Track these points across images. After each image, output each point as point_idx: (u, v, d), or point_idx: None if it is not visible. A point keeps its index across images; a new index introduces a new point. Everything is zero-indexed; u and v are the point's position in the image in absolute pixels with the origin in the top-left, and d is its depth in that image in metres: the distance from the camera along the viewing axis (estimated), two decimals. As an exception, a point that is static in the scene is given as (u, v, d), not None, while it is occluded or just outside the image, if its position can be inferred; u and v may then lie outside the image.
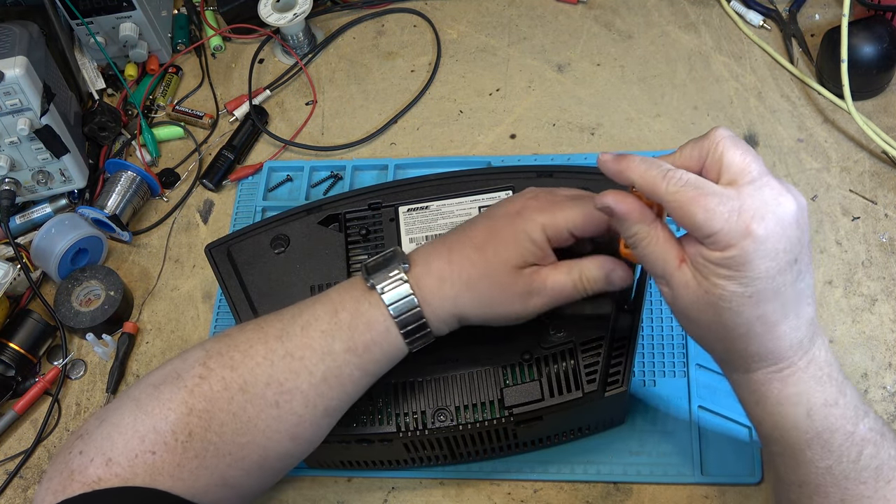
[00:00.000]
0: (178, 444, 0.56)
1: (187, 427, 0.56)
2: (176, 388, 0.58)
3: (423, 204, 0.73)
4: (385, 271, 0.59)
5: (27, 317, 0.81)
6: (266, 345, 0.58)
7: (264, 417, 0.57)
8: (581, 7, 0.97)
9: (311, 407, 0.58)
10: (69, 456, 0.56)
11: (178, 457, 0.56)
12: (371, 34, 0.99)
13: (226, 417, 0.57)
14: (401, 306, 0.58)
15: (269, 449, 0.58)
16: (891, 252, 0.77)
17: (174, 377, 0.58)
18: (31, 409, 0.79)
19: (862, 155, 0.83)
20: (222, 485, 0.58)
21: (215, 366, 0.58)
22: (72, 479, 0.54)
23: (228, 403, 0.57)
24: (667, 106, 0.88)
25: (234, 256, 0.73)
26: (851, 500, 0.52)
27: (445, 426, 0.64)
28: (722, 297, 0.50)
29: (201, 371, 0.58)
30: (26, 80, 0.78)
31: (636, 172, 0.51)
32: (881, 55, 0.82)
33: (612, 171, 0.53)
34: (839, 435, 0.52)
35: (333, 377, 0.58)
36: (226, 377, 0.58)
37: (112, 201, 0.86)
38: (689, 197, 0.49)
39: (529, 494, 0.70)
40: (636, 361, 0.72)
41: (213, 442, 0.57)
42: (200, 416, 0.57)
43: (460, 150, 0.89)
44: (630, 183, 0.52)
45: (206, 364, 0.58)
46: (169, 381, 0.58)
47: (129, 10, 0.91)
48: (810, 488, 0.53)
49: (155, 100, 0.96)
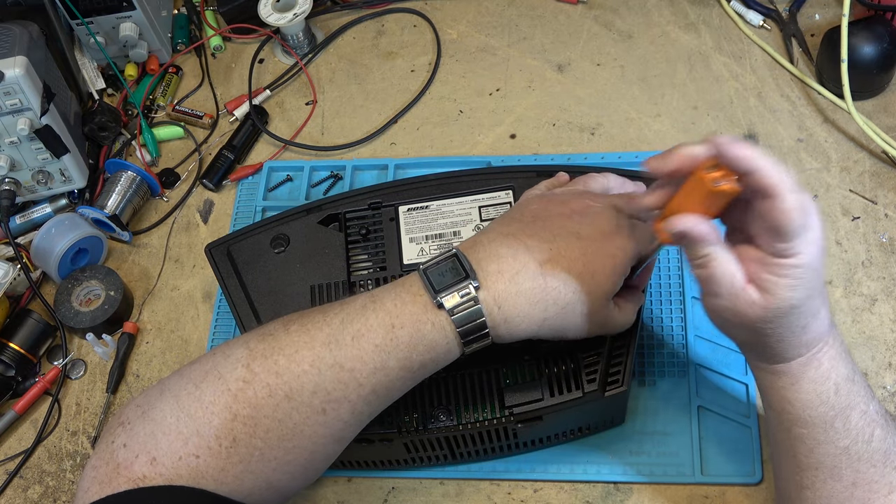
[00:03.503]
0: (223, 448, 0.55)
1: (231, 433, 0.55)
2: (219, 390, 0.56)
3: (423, 204, 0.73)
4: (454, 289, 0.55)
5: (27, 317, 0.81)
6: (313, 351, 0.56)
7: (311, 423, 0.56)
8: (581, 7, 0.97)
9: (357, 414, 0.57)
10: (113, 446, 0.55)
11: (222, 461, 0.55)
12: (371, 34, 0.99)
13: (271, 424, 0.55)
14: (470, 328, 0.55)
15: (315, 453, 0.57)
16: (891, 252, 0.77)
17: (216, 377, 0.56)
18: (31, 409, 0.79)
19: (862, 155, 0.83)
20: (267, 487, 0.57)
21: (259, 370, 0.56)
22: (118, 473, 0.54)
23: (274, 410, 0.55)
24: (667, 106, 0.88)
25: (234, 256, 0.73)
26: (862, 482, 0.54)
27: (445, 426, 0.64)
28: (792, 307, 0.52)
29: (245, 374, 0.56)
30: (26, 80, 0.78)
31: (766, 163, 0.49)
32: (881, 55, 0.82)
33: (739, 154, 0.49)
34: (856, 413, 0.55)
35: (384, 389, 0.56)
36: (270, 383, 0.55)
37: (112, 201, 0.86)
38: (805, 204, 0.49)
39: (529, 494, 0.70)
40: (636, 361, 0.72)
41: (259, 447, 0.55)
42: (245, 423, 0.55)
43: (460, 150, 0.89)
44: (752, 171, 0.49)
45: (249, 367, 0.56)
46: (210, 381, 0.56)
47: (129, 10, 0.91)
48: (826, 471, 0.55)
49: (155, 100, 0.96)
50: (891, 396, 0.70)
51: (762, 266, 0.51)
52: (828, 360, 0.55)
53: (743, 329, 0.54)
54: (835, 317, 0.74)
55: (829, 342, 0.55)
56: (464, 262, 0.56)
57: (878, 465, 0.54)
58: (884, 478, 0.54)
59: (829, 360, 0.55)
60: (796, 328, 0.53)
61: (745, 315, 0.52)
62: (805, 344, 0.54)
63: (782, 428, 0.57)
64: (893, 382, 0.71)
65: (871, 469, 0.54)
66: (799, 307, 0.52)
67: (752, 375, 0.71)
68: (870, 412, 0.55)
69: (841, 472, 0.55)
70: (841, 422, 0.55)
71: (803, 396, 0.55)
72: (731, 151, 0.50)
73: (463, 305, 0.55)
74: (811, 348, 0.55)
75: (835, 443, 0.55)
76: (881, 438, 0.55)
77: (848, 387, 0.55)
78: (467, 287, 0.55)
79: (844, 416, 0.55)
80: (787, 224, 0.49)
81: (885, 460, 0.55)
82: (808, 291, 0.52)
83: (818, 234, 0.51)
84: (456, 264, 0.56)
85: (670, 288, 0.76)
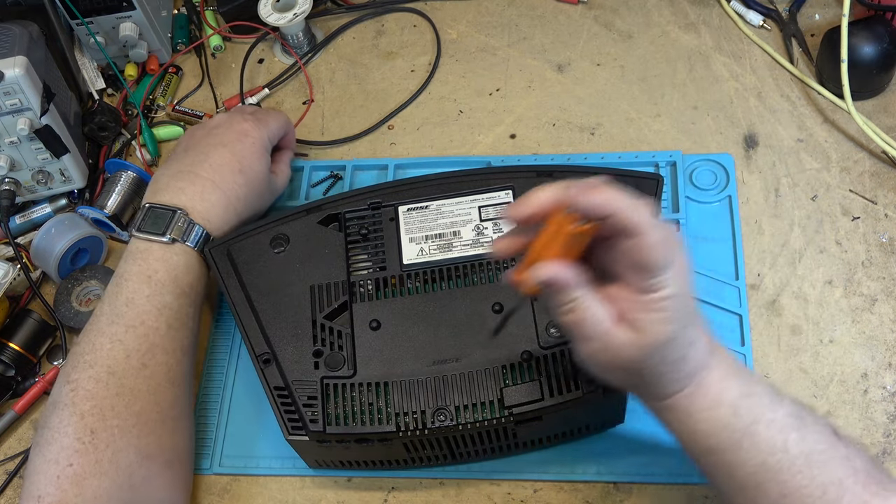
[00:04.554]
0: (87, 444, 0.63)
1: (87, 428, 0.63)
2: (58, 411, 0.64)
3: (423, 203, 0.73)
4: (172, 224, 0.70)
5: (27, 317, 0.81)
6: (105, 334, 0.67)
7: (141, 380, 0.66)
8: (581, 7, 0.97)
9: (172, 351, 0.69)
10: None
11: (92, 455, 0.62)
12: (371, 34, 0.99)
13: (113, 401, 0.64)
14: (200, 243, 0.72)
15: (159, 402, 0.67)
16: (891, 252, 0.77)
17: (52, 408, 0.65)
18: (31, 409, 0.79)
19: (862, 155, 0.83)
20: (143, 457, 0.65)
21: (78, 375, 0.65)
22: None
23: (107, 389, 0.65)
24: (667, 106, 0.88)
25: (234, 256, 0.73)
26: (791, 491, 0.52)
27: (445, 426, 0.64)
28: (667, 341, 0.50)
29: (70, 387, 0.65)
30: (26, 80, 0.78)
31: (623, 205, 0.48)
32: (881, 55, 0.82)
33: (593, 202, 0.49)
34: (763, 425, 0.52)
35: (178, 321, 0.70)
36: (92, 375, 0.65)
37: (112, 201, 0.86)
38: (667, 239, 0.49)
39: (529, 494, 0.70)
40: (636, 361, 0.72)
41: (115, 425, 0.64)
42: (92, 413, 0.64)
43: (460, 150, 0.89)
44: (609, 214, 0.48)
45: (68, 380, 0.66)
46: (50, 414, 0.65)
47: (129, 10, 0.91)
48: (751, 490, 0.53)
49: (155, 100, 0.96)
50: (891, 396, 0.70)
51: (631, 304, 0.50)
52: (715, 384, 0.53)
53: (621, 370, 0.53)
54: (835, 317, 0.74)
55: (713, 366, 0.54)
56: (163, 206, 0.72)
57: (802, 469, 0.52)
58: (813, 481, 0.51)
59: (717, 384, 0.53)
60: (674, 361, 0.52)
61: (619, 356, 0.51)
62: (687, 375, 0.53)
63: (696, 459, 0.56)
64: (893, 382, 0.71)
65: (797, 476, 0.52)
66: (674, 340, 0.51)
67: (751, 375, 0.71)
68: (778, 420, 0.53)
69: (766, 487, 0.52)
70: (748, 440, 0.52)
71: (701, 427, 0.54)
72: (585, 200, 0.49)
73: (186, 230, 0.71)
74: (694, 378, 0.53)
75: (749, 462, 0.52)
76: (798, 441, 0.52)
77: (746, 403, 0.53)
78: (180, 217, 0.71)
79: (750, 433, 0.52)
80: (653, 260, 0.49)
81: (808, 463, 0.52)
82: (681, 323, 0.51)
83: (685, 263, 0.50)
84: (157, 211, 0.71)
85: (670, 288, 0.76)
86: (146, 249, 0.71)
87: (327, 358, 0.67)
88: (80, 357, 0.67)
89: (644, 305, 0.50)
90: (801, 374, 0.72)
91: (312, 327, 0.68)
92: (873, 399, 0.70)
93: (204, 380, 0.78)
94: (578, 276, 0.51)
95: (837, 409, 0.70)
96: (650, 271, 0.49)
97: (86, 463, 0.62)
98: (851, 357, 0.72)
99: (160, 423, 0.67)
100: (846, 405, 0.70)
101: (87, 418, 0.63)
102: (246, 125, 0.77)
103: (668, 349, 0.51)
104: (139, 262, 0.70)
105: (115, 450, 0.63)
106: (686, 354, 0.52)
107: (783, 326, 0.74)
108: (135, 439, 0.64)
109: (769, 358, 0.73)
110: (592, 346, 0.52)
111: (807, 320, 0.74)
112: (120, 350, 0.66)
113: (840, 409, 0.70)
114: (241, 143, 0.76)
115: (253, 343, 0.68)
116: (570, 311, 0.51)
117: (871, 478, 0.52)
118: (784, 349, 0.73)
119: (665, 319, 0.50)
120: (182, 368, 0.70)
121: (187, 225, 0.71)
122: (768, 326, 0.74)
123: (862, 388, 0.71)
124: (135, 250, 0.71)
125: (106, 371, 0.65)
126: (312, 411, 0.65)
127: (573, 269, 0.51)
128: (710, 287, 0.76)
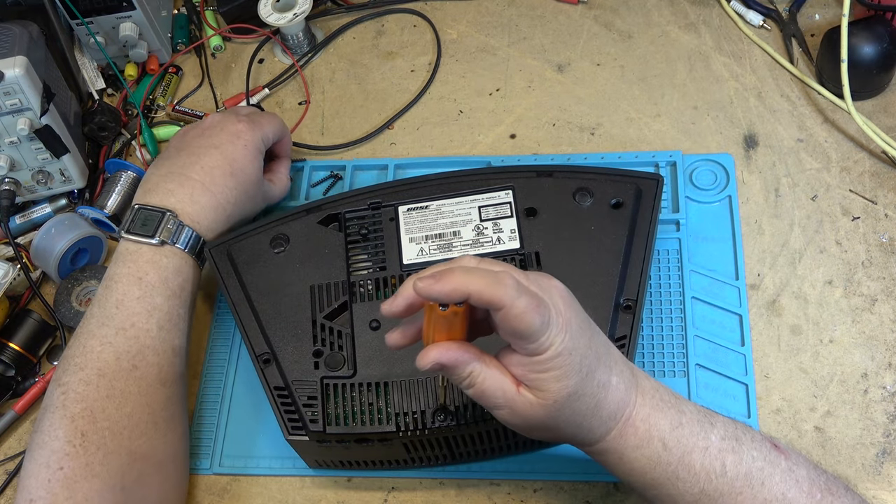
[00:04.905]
0: (78, 447, 0.63)
1: (77, 430, 0.63)
2: (50, 415, 0.64)
3: (423, 203, 0.73)
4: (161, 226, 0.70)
5: (27, 317, 0.81)
6: (95, 336, 0.67)
7: (132, 382, 0.66)
8: (581, 7, 0.97)
9: (163, 352, 0.68)
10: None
11: (83, 458, 0.62)
12: (371, 34, 0.99)
13: (103, 403, 0.64)
14: (192, 244, 0.72)
15: (150, 404, 0.67)
16: (891, 252, 0.77)
17: (43, 411, 0.65)
18: (31, 409, 0.79)
19: (862, 155, 0.83)
20: (134, 459, 0.65)
21: (68, 378, 0.65)
22: None
23: (97, 391, 0.65)
24: (667, 106, 0.88)
25: (234, 256, 0.73)
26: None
27: (445, 426, 0.64)
28: (570, 395, 0.51)
29: (61, 390, 0.65)
30: (26, 80, 0.78)
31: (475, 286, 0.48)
32: (881, 55, 0.82)
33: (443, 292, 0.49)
34: (696, 454, 0.53)
35: (169, 322, 0.69)
36: (82, 378, 0.65)
37: (112, 201, 0.86)
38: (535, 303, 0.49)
39: (529, 494, 0.70)
40: (636, 361, 0.72)
41: (106, 427, 0.64)
42: (83, 416, 0.64)
43: (460, 150, 0.89)
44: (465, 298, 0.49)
45: (59, 383, 0.66)
46: (41, 417, 0.65)
47: (129, 10, 0.91)
48: None
49: (155, 100, 0.96)
50: (891, 396, 0.70)
51: (525, 368, 0.51)
52: (641, 421, 0.53)
53: (539, 429, 0.54)
54: (835, 317, 0.74)
55: (637, 402, 0.54)
56: (152, 208, 0.71)
57: (743, 490, 0.52)
58: (755, 499, 0.52)
59: (644, 421, 0.53)
60: (589, 409, 0.52)
61: (530, 417, 0.52)
62: (609, 417, 0.53)
63: (640, 493, 0.56)
64: (893, 382, 0.71)
65: (739, 497, 0.52)
66: (577, 392, 0.51)
67: (752, 375, 0.71)
68: (712, 446, 0.53)
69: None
70: (684, 471, 0.53)
71: (635, 465, 0.54)
72: (437, 291, 0.49)
73: (176, 232, 0.71)
74: (617, 419, 0.53)
75: (689, 492, 0.53)
76: (735, 463, 0.53)
77: (676, 435, 0.53)
78: (169, 220, 0.71)
79: (685, 463, 0.53)
80: (524, 328, 0.49)
81: (749, 483, 0.52)
82: (580, 374, 0.51)
83: (570, 314, 0.50)
84: (146, 212, 0.71)
85: (670, 288, 0.76)
86: (136, 251, 0.71)
87: (327, 358, 0.67)
88: (70, 360, 0.67)
89: (535, 367, 0.50)
90: (801, 374, 0.72)
91: (312, 327, 0.68)
92: (873, 399, 0.70)
93: (204, 380, 0.78)
94: (466, 351, 0.51)
95: (837, 409, 0.70)
96: (527, 338, 0.49)
97: (76, 466, 0.62)
98: (851, 357, 0.72)
99: (152, 425, 0.66)
100: (846, 405, 0.70)
101: (78, 421, 0.63)
102: (240, 126, 0.77)
103: (577, 401, 0.51)
104: (129, 264, 0.70)
105: (106, 452, 0.63)
106: (600, 399, 0.52)
107: (783, 326, 0.74)
108: (126, 441, 0.64)
109: (769, 358, 0.73)
110: (502, 413, 0.53)
111: (807, 320, 0.74)
112: (110, 352, 0.66)
113: (840, 409, 0.70)
114: (234, 144, 0.75)
115: (253, 343, 0.68)
116: (469, 386, 0.52)
117: (814, 485, 0.52)
118: (784, 349, 0.73)
119: (559, 376, 0.50)
120: (174, 370, 0.69)
121: (177, 227, 0.71)
122: (768, 326, 0.74)
123: (862, 388, 0.71)
124: (125, 252, 0.71)
125: (96, 373, 0.65)
126: (312, 411, 0.65)
127: (459, 346, 0.51)
128: (710, 287, 0.76)
